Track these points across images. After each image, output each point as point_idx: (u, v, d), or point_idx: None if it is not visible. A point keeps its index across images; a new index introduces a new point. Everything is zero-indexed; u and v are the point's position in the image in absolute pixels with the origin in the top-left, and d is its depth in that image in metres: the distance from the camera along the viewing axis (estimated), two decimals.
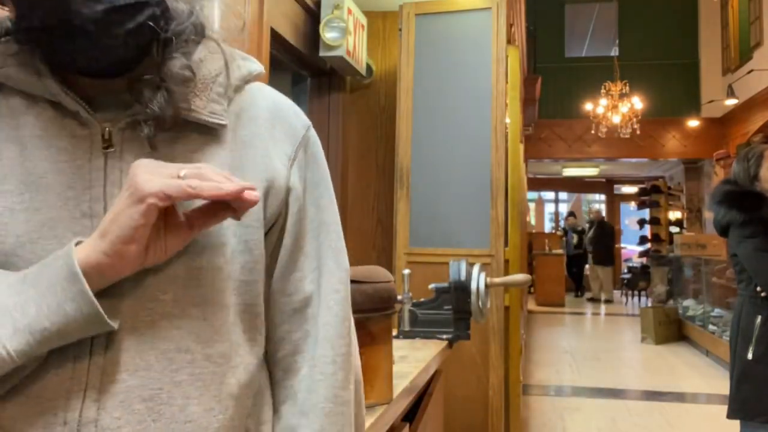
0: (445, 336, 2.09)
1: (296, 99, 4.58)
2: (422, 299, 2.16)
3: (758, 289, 2.71)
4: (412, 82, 3.04)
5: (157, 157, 0.70)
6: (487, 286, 2.14)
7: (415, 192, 2.97)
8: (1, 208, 0.68)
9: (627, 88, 10.76)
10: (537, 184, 16.14)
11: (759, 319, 2.68)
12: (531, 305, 11.52)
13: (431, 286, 2.15)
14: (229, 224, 0.74)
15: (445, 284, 2.13)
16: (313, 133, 0.87)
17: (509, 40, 3.26)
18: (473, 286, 2.10)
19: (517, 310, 3.36)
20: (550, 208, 18.02)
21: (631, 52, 12.27)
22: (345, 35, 3.51)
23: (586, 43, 14.23)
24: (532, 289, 12.23)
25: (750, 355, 2.68)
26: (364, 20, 3.37)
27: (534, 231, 14.74)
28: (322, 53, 3.94)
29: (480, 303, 2.10)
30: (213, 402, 0.72)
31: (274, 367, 0.84)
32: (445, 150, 2.98)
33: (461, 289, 2.10)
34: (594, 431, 4.74)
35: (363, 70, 3.87)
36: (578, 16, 13.18)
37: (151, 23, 0.70)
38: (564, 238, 14.17)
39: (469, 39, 3.03)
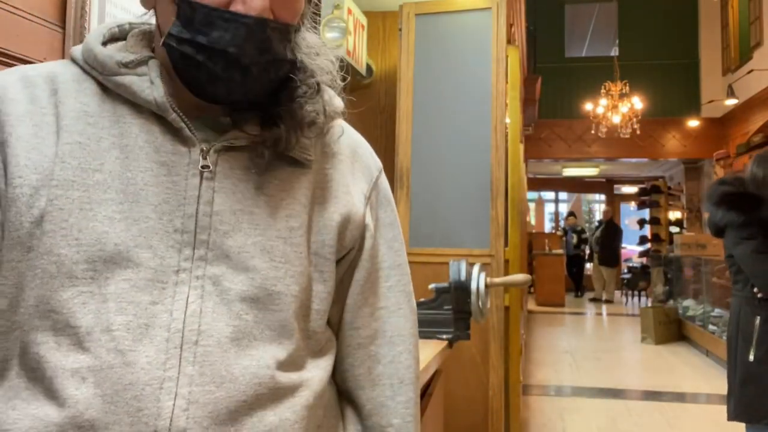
0: (445, 336, 2.09)
1: None
2: (422, 299, 2.16)
3: (755, 290, 2.70)
4: (412, 82, 3.04)
5: (246, 184, 0.77)
6: (487, 286, 2.14)
7: (414, 192, 2.97)
8: (102, 216, 0.72)
9: (627, 88, 10.76)
10: (537, 184, 16.14)
11: (758, 320, 2.67)
12: (531, 305, 11.51)
13: (431, 286, 2.15)
14: (306, 254, 0.79)
15: (445, 284, 2.13)
16: (384, 176, 0.93)
17: (509, 40, 3.26)
18: (473, 286, 2.10)
19: (517, 310, 3.36)
20: (550, 208, 18.01)
21: (631, 52, 12.26)
22: (345, 35, 3.51)
23: (586, 43, 14.23)
24: (532, 289, 12.23)
25: (751, 357, 2.68)
26: (364, 20, 3.37)
27: (534, 231, 14.73)
28: None
29: (480, 303, 2.10)
30: (288, 412, 0.77)
31: (340, 395, 0.92)
32: (445, 150, 2.98)
33: (461, 289, 2.10)
34: (594, 431, 4.74)
35: (363, 70, 3.87)
36: (578, 16, 13.18)
37: (291, 75, 0.79)
38: (564, 238, 14.16)
39: (469, 39, 3.03)
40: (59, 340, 0.69)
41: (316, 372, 0.83)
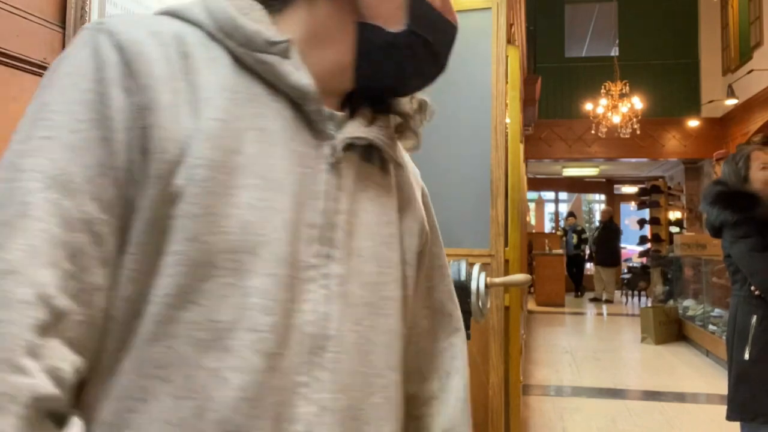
0: None
1: None
2: None
3: (753, 289, 2.71)
4: None
5: (358, 185, 0.77)
6: (487, 286, 2.14)
7: None
8: (245, 203, 0.65)
9: (627, 88, 10.77)
10: (537, 184, 16.15)
11: (754, 319, 2.68)
12: (531, 305, 11.52)
13: None
14: (400, 259, 0.80)
15: None
16: (421, 183, 0.95)
17: (509, 40, 3.26)
18: (473, 286, 2.10)
19: (517, 310, 3.36)
20: (550, 208, 18.02)
21: (631, 52, 12.27)
22: None
23: (586, 43, 14.24)
24: (532, 289, 12.23)
25: (747, 356, 2.68)
26: None
27: (534, 231, 14.74)
28: None
29: (480, 303, 2.10)
30: (395, 423, 0.78)
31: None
32: (445, 150, 2.98)
33: (461, 288, 2.10)
34: (594, 431, 4.74)
35: None
36: (578, 16, 13.19)
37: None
38: (564, 238, 14.17)
39: (468, 39, 3.03)
40: (197, 335, 0.63)
41: (404, 377, 0.85)
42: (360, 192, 0.76)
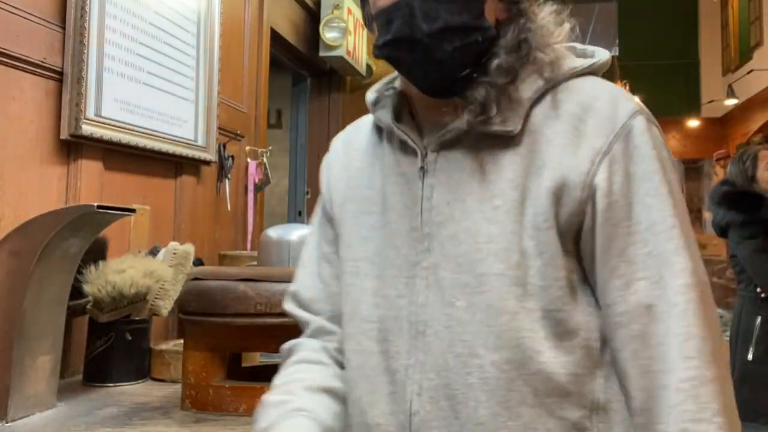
0: None
1: (296, 99, 4.57)
2: None
3: (758, 290, 2.71)
4: None
5: (461, 173, 0.81)
6: None
7: None
8: (368, 226, 0.88)
9: (627, 88, 10.76)
10: None
11: (759, 320, 2.68)
12: None
13: None
14: (514, 229, 0.77)
15: None
16: (639, 122, 0.78)
17: None
18: None
19: None
20: None
21: (631, 52, 12.25)
22: (345, 35, 3.51)
23: (586, 43, 14.20)
24: None
25: (750, 356, 2.68)
26: None
27: None
28: (322, 53, 3.92)
29: None
30: (499, 408, 0.76)
31: (620, 389, 0.78)
32: None
33: None
34: None
35: (363, 70, 3.86)
36: (578, 16, 13.06)
37: (476, 47, 0.79)
38: None
39: None
40: (329, 328, 0.95)
41: (554, 355, 0.75)
42: (464, 179, 0.81)
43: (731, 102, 9.82)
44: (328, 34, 3.43)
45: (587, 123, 0.78)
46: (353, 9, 3.41)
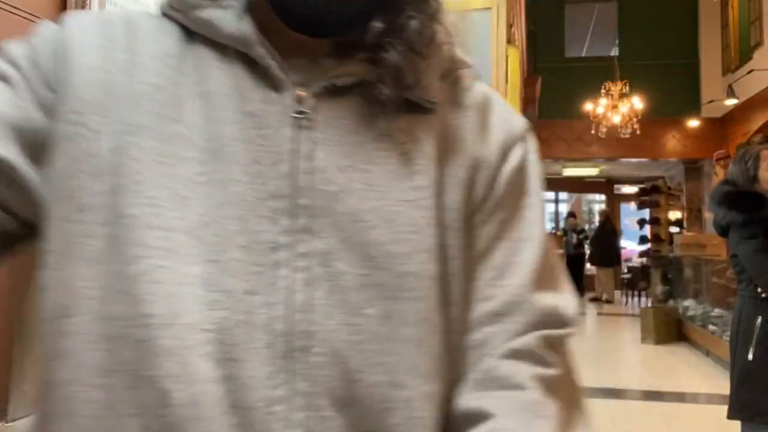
0: None
1: None
2: None
3: (759, 290, 2.71)
4: None
5: (358, 136, 0.59)
6: None
7: None
8: (182, 177, 0.55)
9: (627, 88, 10.78)
10: None
11: (759, 320, 2.68)
12: None
13: None
14: (439, 219, 0.60)
15: None
16: (531, 137, 0.70)
17: (509, 40, 3.26)
18: None
19: None
20: (550, 208, 18.02)
21: (631, 52, 12.28)
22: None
23: (586, 43, 14.24)
24: None
25: (750, 356, 2.69)
26: None
27: None
28: None
29: None
30: None
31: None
32: None
33: None
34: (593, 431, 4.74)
35: None
36: (578, 16, 13.20)
37: None
38: (564, 239, 14.19)
39: (468, 39, 3.03)
40: (126, 333, 0.51)
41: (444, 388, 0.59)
42: (363, 143, 0.59)
43: (731, 102, 9.84)
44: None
45: (491, 117, 0.66)
46: None
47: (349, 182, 0.57)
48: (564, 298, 0.63)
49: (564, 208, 17.64)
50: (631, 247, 15.78)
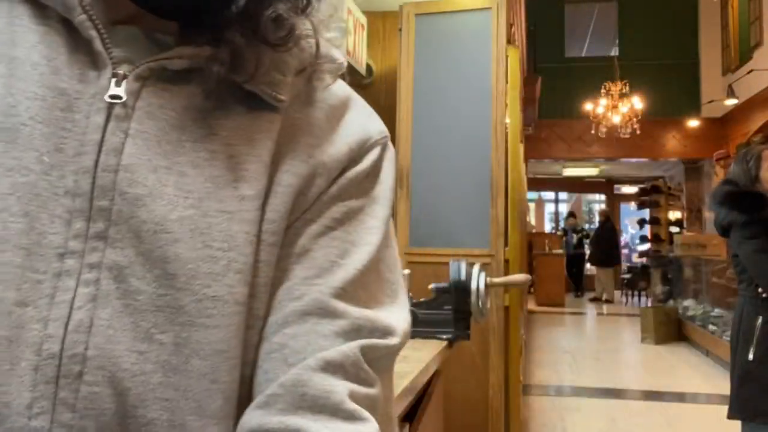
0: (444, 336, 2.09)
1: None
2: (422, 299, 2.16)
3: (759, 290, 2.71)
4: (413, 83, 3.04)
5: (182, 132, 0.51)
6: (487, 286, 2.14)
7: (415, 192, 2.97)
8: None
9: (627, 88, 10.78)
10: (537, 184, 16.14)
11: (760, 320, 2.69)
12: (531, 305, 11.52)
13: (431, 286, 2.15)
14: (257, 233, 0.52)
15: (445, 284, 2.13)
16: (390, 145, 0.63)
17: (509, 40, 3.26)
18: (473, 286, 2.10)
19: (516, 310, 3.36)
20: (550, 208, 18.02)
21: (631, 51, 12.28)
22: (345, 35, 3.49)
23: (586, 43, 14.24)
24: (532, 289, 12.23)
25: (751, 356, 2.69)
26: (363, 20, 3.37)
27: (534, 231, 14.75)
28: None
29: (480, 303, 2.10)
30: None
31: None
32: (446, 150, 2.98)
33: (461, 289, 2.10)
34: (594, 431, 4.74)
35: (363, 71, 3.87)
36: (578, 16, 13.20)
37: None
38: (564, 239, 14.20)
39: (469, 39, 3.03)
40: None
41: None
42: (187, 142, 0.51)
43: (731, 102, 9.84)
44: (327, 35, 3.41)
45: (344, 119, 0.59)
46: (353, 9, 3.41)
47: (160, 186, 0.49)
48: (393, 313, 0.55)
49: (564, 208, 17.65)
50: (631, 246, 15.81)
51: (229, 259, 0.49)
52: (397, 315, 0.55)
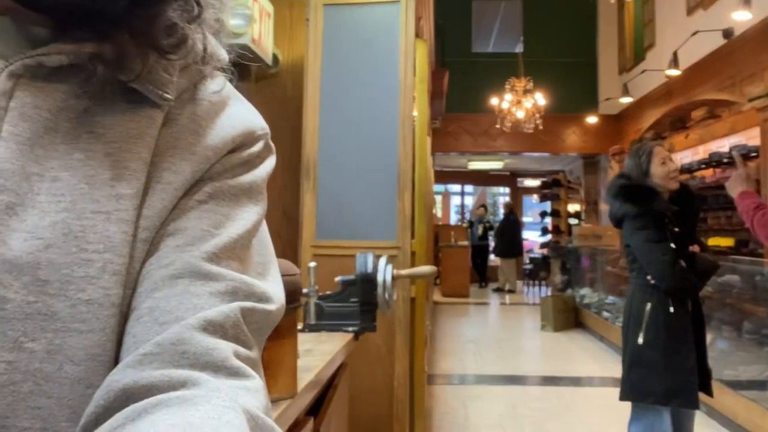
0: (351, 328, 2.09)
1: None
2: (328, 292, 2.15)
3: (648, 277, 2.86)
4: (320, 73, 3.01)
5: (56, 135, 0.48)
6: (393, 278, 2.15)
7: (321, 184, 2.95)
8: None
9: (531, 84, 11.10)
10: (443, 177, 16.42)
11: (649, 305, 2.83)
12: (436, 296, 11.72)
13: (337, 278, 2.14)
14: (133, 233, 0.50)
15: (352, 276, 2.13)
16: (270, 142, 0.63)
17: (417, 34, 3.29)
18: (380, 278, 2.11)
19: (422, 301, 3.41)
20: (456, 200, 18.38)
21: (535, 49, 12.64)
22: (250, 23, 3.43)
23: (492, 39, 14.56)
24: (437, 281, 12.45)
25: (640, 340, 2.83)
26: (270, 8, 3.31)
27: (440, 223, 15.00)
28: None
29: (386, 295, 2.11)
30: None
31: None
32: (353, 142, 2.97)
33: (368, 281, 2.11)
34: (495, 417, 4.88)
35: (269, 60, 3.79)
36: (485, 12, 13.47)
37: None
38: (470, 230, 14.51)
39: (377, 31, 3.03)
40: None
41: None
42: (63, 145, 0.49)
43: (626, 100, 10.30)
44: (231, 21, 3.34)
45: (227, 116, 0.58)
46: None
47: (32, 193, 0.47)
48: (268, 283, 0.55)
49: (469, 201, 18.04)
50: (533, 238, 16.34)
51: (105, 260, 0.47)
52: (272, 286, 0.54)
